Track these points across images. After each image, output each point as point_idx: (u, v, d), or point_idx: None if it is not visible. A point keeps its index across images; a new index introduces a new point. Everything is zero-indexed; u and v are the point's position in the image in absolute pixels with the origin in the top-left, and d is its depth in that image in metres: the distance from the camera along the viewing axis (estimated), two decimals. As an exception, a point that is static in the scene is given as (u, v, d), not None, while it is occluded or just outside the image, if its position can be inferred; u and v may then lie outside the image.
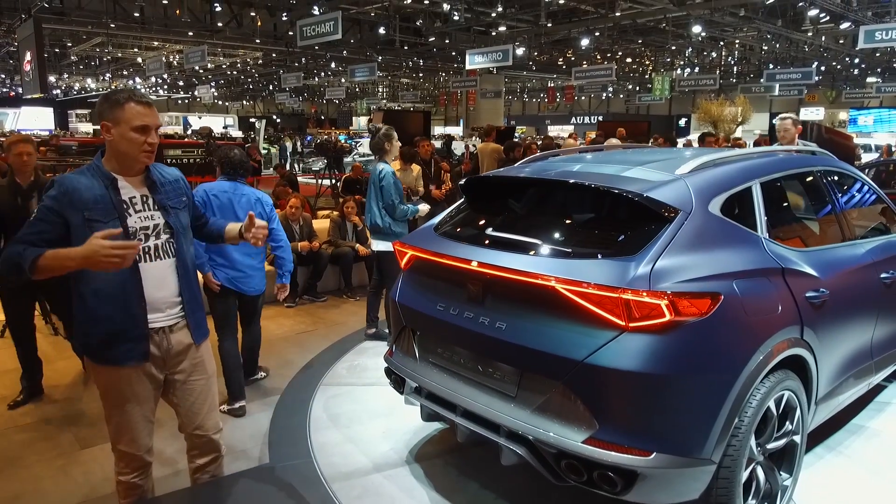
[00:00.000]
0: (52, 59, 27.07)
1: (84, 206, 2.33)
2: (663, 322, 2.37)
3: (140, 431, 2.56)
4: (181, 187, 2.62)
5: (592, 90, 27.38)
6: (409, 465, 3.48)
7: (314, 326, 6.10)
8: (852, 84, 31.47)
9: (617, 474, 2.39)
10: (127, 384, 2.48)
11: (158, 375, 2.56)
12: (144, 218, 2.45)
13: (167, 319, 2.51)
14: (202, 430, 2.71)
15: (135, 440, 2.56)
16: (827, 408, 3.24)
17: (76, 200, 2.32)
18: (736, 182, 2.94)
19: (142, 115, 2.36)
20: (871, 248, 3.54)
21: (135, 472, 2.62)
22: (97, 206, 2.34)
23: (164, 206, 2.50)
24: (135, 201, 2.45)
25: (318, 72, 29.96)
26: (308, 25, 15.17)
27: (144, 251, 2.44)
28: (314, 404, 4.27)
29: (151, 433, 2.63)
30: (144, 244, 2.44)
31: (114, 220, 2.36)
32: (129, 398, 2.50)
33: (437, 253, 3.01)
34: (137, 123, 2.35)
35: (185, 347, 2.59)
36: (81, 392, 4.55)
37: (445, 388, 2.92)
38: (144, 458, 2.61)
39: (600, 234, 2.81)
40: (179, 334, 2.56)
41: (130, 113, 2.34)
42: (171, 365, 2.58)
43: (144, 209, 2.46)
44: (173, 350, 2.55)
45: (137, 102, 2.36)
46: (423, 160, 8.01)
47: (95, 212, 2.34)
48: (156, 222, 2.48)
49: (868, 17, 16.82)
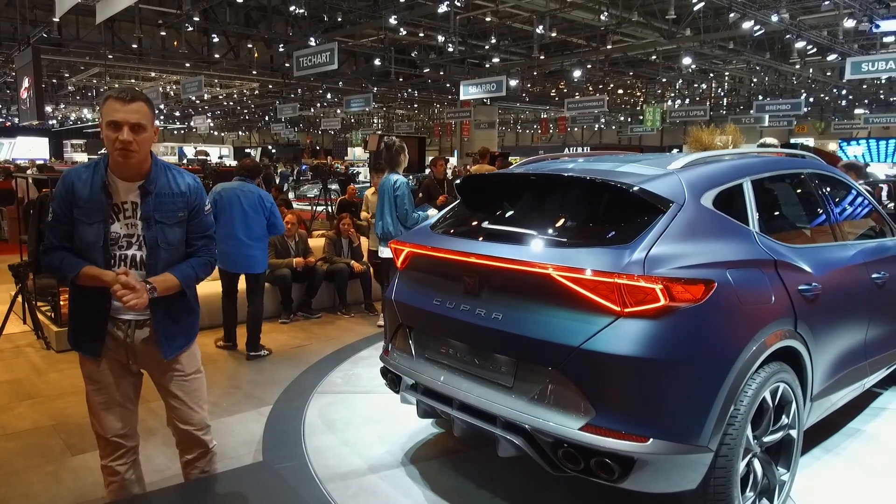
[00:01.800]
0: (49, 89, 27.26)
1: (76, 203, 2.38)
2: (658, 307, 2.39)
3: (106, 415, 2.59)
4: (184, 203, 2.52)
5: (585, 121, 27.73)
6: (405, 467, 3.44)
7: (308, 341, 6.07)
8: (841, 115, 31.99)
9: (614, 461, 2.38)
10: (95, 370, 2.57)
11: (129, 365, 2.60)
12: (130, 226, 2.44)
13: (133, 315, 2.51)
14: (187, 425, 2.69)
15: (102, 423, 2.60)
16: (822, 406, 3.24)
17: (74, 197, 2.39)
18: (727, 178, 3.00)
19: (114, 111, 2.29)
20: (862, 249, 3.59)
21: (111, 455, 2.64)
22: (87, 205, 2.38)
23: (147, 217, 2.44)
24: (125, 207, 2.43)
25: (314, 103, 30.29)
26: (305, 56, 15.40)
27: (122, 259, 2.45)
28: (308, 411, 4.24)
29: (125, 420, 2.64)
30: (126, 251, 2.45)
31: (97, 222, 2.39)
32: (98, 383, 2.58)
33: (433, 248, 3.04)
34: (108, 119, 2.31)
35: (150, 351, 2.57)
36: (72, 402, 4.50)
37: (441, 383, 2.92)
38: (118, 441, 2.63)
39: (595, 226, 2.85)
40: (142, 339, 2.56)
41: (107, 109, 2.32)
42: (140, 362, 2.61)
43: (133, 217, 2.45)
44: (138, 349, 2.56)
45: (116, 98, 2.31)
46: (437, 179, 8.35)
47: (83, 211, 2.38)
48: (137, 232, 2.45)
49: (854, 49, 17.19)
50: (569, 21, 17.12)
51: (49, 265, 2.44)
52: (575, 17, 16.27)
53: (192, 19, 14.78)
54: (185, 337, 2.64)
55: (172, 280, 2.47)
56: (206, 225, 2.63)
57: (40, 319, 5.97)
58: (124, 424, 2.63)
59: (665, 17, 14.27)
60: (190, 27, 15.72)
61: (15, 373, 5.13)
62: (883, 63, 14.05)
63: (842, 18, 13.81)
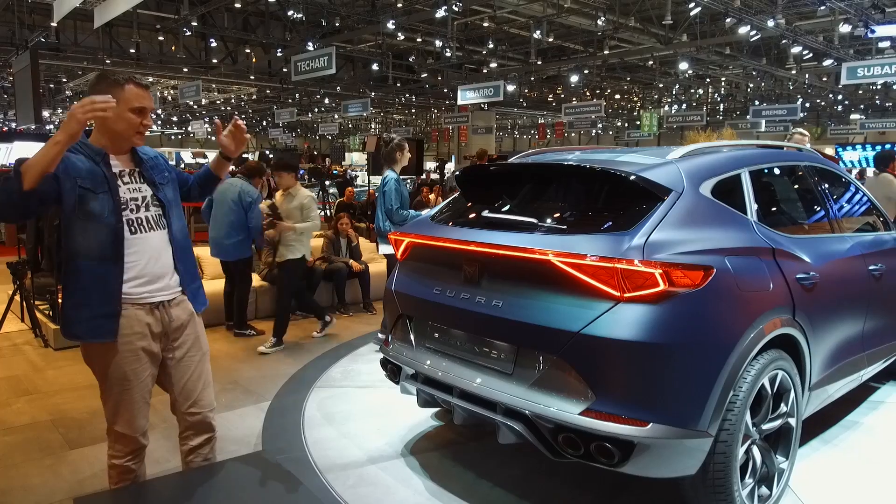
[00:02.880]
0: (47, 94, 27.25)
1: (77, 174, 2.37)
2: (657, 292, 2.41)
3: (137, 412, 2.55)
4: (161, 163, 2.67)
5: (582, 126, 27.82)
6: (405, 458, 3.44)
7: (306, 339, 6.06)
8: (837, 121, 32.14)
9: (614, 445, 2.38)
10: (125, 361, 2.48)
11: (157, 352, 2.58)
12: (133, 190, 2.51)
13: (166, 294, 2.56)
14: (196, 406, 2.70)
15: (131, 421, 2.54)
16: (820, 396, 3.26)
17: (69, 167, 2.35)
18: (726, 168, 3.02)
19: (140, 98, 2.44)
20: (859, 241, 3.61)
21: (128, 455, 2.60)
22: (89, 176, 2.39)
23: (151, 180, 2.56)
24: (123, 174, 2.51)
25: (312, 108, 30.34)
26: (303, 60, 15.43)
27: (138, 222, 2.50)
28: (308, 405, 4.24)
29: (147, 415, 2.61)
30: (136, 215, 2.50)
31: (104, 192, 2.41)
32: (128, 376, 2.49)
33: (434, 237, 3.05)
34: (136, 105, 2.43)
35: (185, 322, 2.63)
36: (70, 398, 4.49)
37: (442, 371, 2.93)
38: (140, 440, 2.59)
39: (595, 214, 2.86)
40: (178, 308, 2.61)
41: (130, 94, 2.41)
42: (171, 339, 2.61)
43: (132, 181, 2.53)
44: (174, 324, 2.59)
45: (137, 85, 2.45)
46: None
47: (87, 181, 2.39)
48: (143, 194, 2.54)
49: (850, 54, 17.30)
50: (566, 27, 17.21)
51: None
52: (572, 23, 16.35)
53: (190, 24, 14.82)
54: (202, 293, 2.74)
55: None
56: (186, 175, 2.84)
57: (38, 317, 5.96)
58: (145, 420, 2.61)
59: (662, 23, 14.34)
60: (188, 32, 15.75)
61: (13, 370, 5.12)
62: (879, 68, 14.10)
63: (837, 24, 13.89)
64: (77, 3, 10.06)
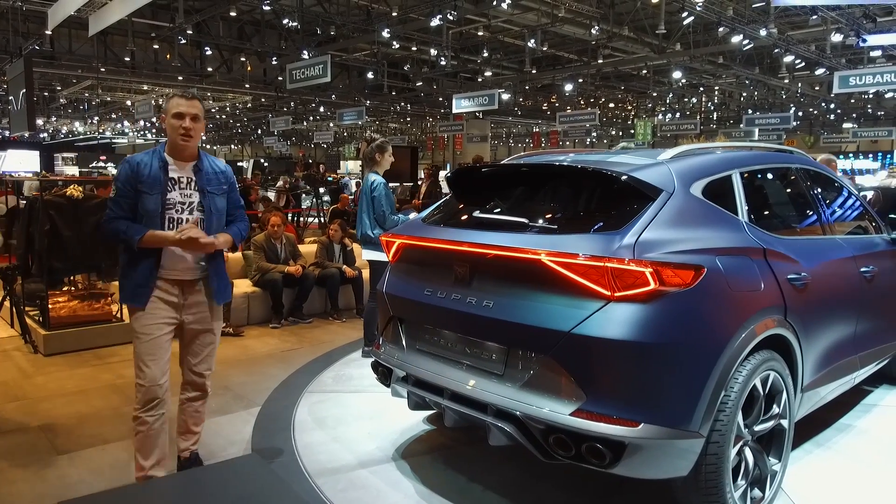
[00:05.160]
0: (41, 102, 27.20)
1: (139, 180, 2.97)
2: (648, 291, 2.40)
3: (149, 364, 3.00)
4: (225, 179, 3.20)
5: (576, 135, 27.86)
6: (396, 462, 3.41)
7: (299, 345, 6.03)
8: (829, 129, 32.33)
9: (605, 446, 2.37)
10: (144, 320, 3.01)
11: (175, 318, 3.08)
12: (184, 195, 3.05)
13: (186, 275, 3.08)
14: (196, 368, 3.22)
15: (145, 372, 3.00)
16: (813, 398, 3.25)
17: (136, 175, 2.97)
18: (717, 169, 3.02)
19: (178, 105, 2.98)
20: (851, 243, 3.61)
21: (145, 405, 3.02)
22: (148, 180, 2.97)
23: (202, 188, 3.08)
24: (181, 180, 3.05)
25: (307, 116, 30.35)
26: (298, 69, 15.45)
27: (178, 221, 3.02)
28: (299, 409, 4.20)
29: (164, 372, 3.05)
30: (179, 215, 3.03)
31: (157, 193, 2.97)
32: (145, 333, 3.01)
33: (425, 238, 3.04)
34: (174, 111, 2.98)
35: (199, 303, 3.13)
36: (58, 404, 4.45)
37: (433, 373, 2.91)
38: (154, 392, 3.01)
39: (586, 213, 2.86)
40: (196, 290, 3.12)
41: (172, 104, 3.01)
42: (186, 311, 3.11)
43: (187, 188, 3.06)
44: (188, 301, 3.10)
45: (180, 97, 3.03)
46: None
47: (146, 185, 2.96)
48: (192, 200, 3.07)
49: (842, 63, 17.43)
50: (560, 36, 17.30)
51: (113, 231, 2.95)
52: (566, 32, 16.43)
53: (185, 32, 14.82)
54: (227, 291, 3.28)
55: (228, 235, 3.15)
56: (238, 199, 3.33)
57: (28, 323, 5.91)
58: (162, 375, 3.04)
59: (655, 32, 14.42)
60: (183, 40, 15.75)
61: (1, 375, 5.07)
62: (870, 77, 14.20)
63: (829, 33, 14.00)
64: (72, 11, 10.07)
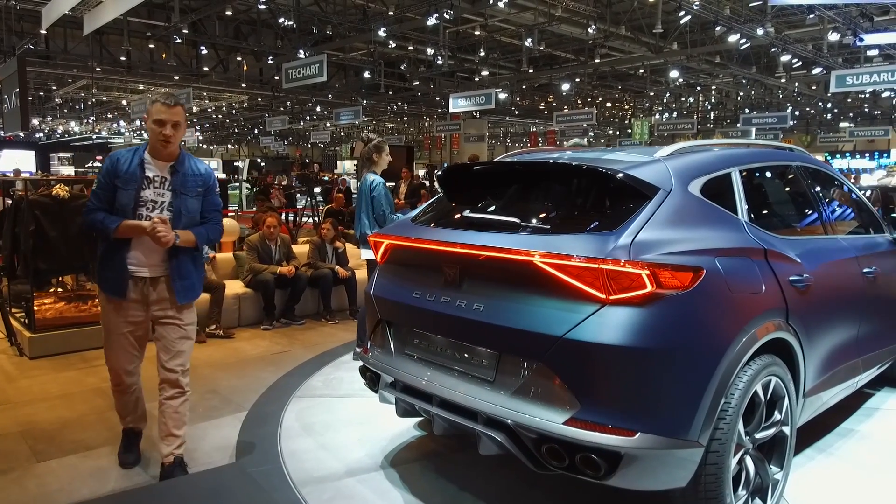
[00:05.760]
0: (36, 101, 27.03)
1: (117, 175, 3.14)
2: (645, 294, 2.29)
3: (114, 351, 3.27)
4: (202, 181, 3.28)
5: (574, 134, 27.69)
6: (385, 470, 3.31)
7: (290, 347, 5.92)
8: (826, 129, 32.27)
9: (600, 457, 2.26)
10: (112, 315, 3.24)
11: (138, 314, 3.23)
12: (157, 194, 3.18)
13: (150, 273, 3.20)
14: (168, 364, 3.27)
15: (110, 357, 3.30)
16: (815, 403, 3.15)
17: (115, 170, 3.14)
18: (715, 167, 2.92)
19: (160, 112, 3.11)
20: (853, 243, 3.52)
21: (116, 385, 3.36)
22: (125, 176, 3.13)
23: (175, 189, 3.19)
24: (156, 179, 3.19)
25: (304, 116, 30.22)
26: (294, 68, 15.33)
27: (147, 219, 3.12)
28: (286, 414, 4.10)
29: (129, 361, 3.29)
30: (148, 213, 3.15)
31: (132, 189, 3.12)
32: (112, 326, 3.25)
33: (414, 238, 2.94)
34: (155, 117, 3.12)
35: (163, 299, 3.23)
36: (41, 408, 4.34)
37: (421, 379, 2.80)
38: (121, 376, 3.30)
39: (580, 213, 2.75)
40: (160, 289, 3.22)
41: (154, 109, 3.14)
42: (152, 308, 3.23)
43: (161, 187, 3.19)
44: (151, 298, 3.21)
45: (162, 103, 3.15)
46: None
47: (122, 180, 3.13)
48: (163, 199, 3.18)
49: (839, 62, 17.36)
50: (557, 35, 17.20)
51: (92, 222, 3.12)
52: (563, 32, 16.34)
53: (180, 32, 14.69)
54: (192, 291, 3.31)
55: (191, 235, 3.20)
56: (216, 202, 3.40)
57: (14, 325, 5.80)
58: (129, 363, 3.30)
59: (652, 32, 14.34)
60: (179, 40, 15.61)
61: (-16, 379, 4.96)
62: (867, 76, 14.14)
63: (826, 32, 13.93)
64: (66, 10, 9.96)
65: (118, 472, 3.37)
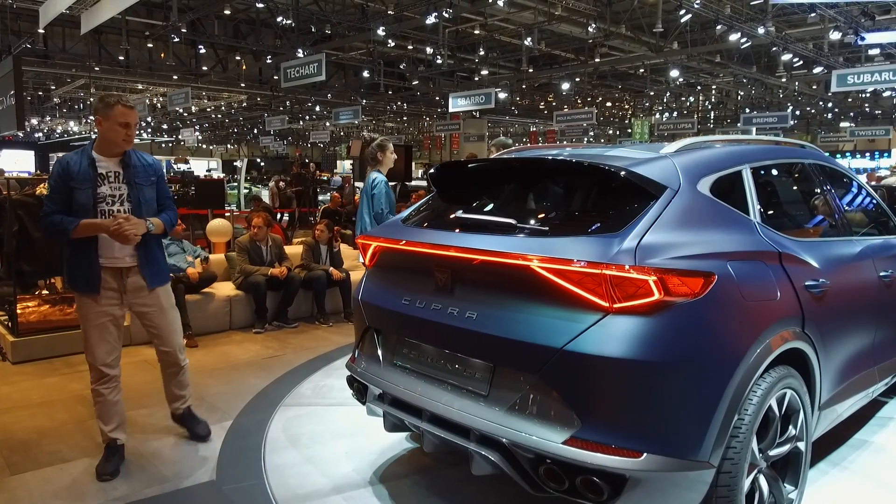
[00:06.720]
0: (35, 101, 26.88)
1: (70, 177, 3.23)
2: (651, 302, 2.11)
3: (95, 346, 3.34)
4: (153, 171, 3.46)
5: (574, 134, 27.54)
6: (373, 486, 3.12)
7: (282, 351, 5.73)
8: (827, 128, 32.08)
9: (603, 479, 2.08)
10: (88, 308, 3.32)
11: (114, 303, 3.35)
12: (113, 188, 3.31)
13: (123, 263, 3.34)
14: (165, 346, 3.55)
15: (91, 352, 3.35)
16: (830, 415, 2.97)
17: (68, 173, 3.23)
18: (725, 164, 2.73)
19: (126, 115, 3.27)
20: (868, 245, 3.33)
21: (98, 380, 3.38)
22: (78, 176, 3.23)
23: (130, 181, 3.34)
24: (108, 175, 3.31)
25: (303, 115, 30.04)
26: (292, 67, 15.17)
27: (110, 213, 3.26)
28: (272, 425, 3.91)
29: (109, 352, 3.37)
30: (110, 207, 3.28)
31: (88, 188, 3.22)
32: (90, 319, 3.33)
33: (403, 241, 2.75)
34: (122, 120, 3.26)
35: (139, 288, 3.39)
36: (20, 416, 4.16)
37: (410, 392, 2.61)
38: (101, 369, 3.35)
39: (582, 213, 2.57)
40: (133, 279, 3.37)
41: (117, 112, 3.25)
42: (130, 298, 3.40)
43: (115, 182, 3.32)
44: (128, 288, 3.37)
45: (124, 105, 3.29)
46: None
47: (76, 181, 3.23)
48: (121, 192, 3.32)
49: (840, 62, 17.18)
50: (557, 34, 17.03)
51: (50, 224, 3.22)
52: (563, 31, 16.16)
53: (179, 31, 14.52)
54: (161, 275, 3.49)
55: (160, 222, 3.39)
56: (167, 190, 3.58)
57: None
58: (109, 355, 3.37)
59: (652, 31, 14.18)
60: (177, 39, 15.44)
61: (-37, 386, 4.78)
62: (868, 75, 13.96)
63: (827, 31, 13.75)
64: (63, 9, 9.78)
65: (95, 487, 3.20)
